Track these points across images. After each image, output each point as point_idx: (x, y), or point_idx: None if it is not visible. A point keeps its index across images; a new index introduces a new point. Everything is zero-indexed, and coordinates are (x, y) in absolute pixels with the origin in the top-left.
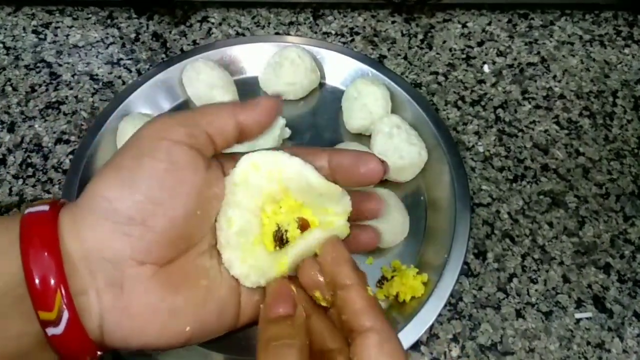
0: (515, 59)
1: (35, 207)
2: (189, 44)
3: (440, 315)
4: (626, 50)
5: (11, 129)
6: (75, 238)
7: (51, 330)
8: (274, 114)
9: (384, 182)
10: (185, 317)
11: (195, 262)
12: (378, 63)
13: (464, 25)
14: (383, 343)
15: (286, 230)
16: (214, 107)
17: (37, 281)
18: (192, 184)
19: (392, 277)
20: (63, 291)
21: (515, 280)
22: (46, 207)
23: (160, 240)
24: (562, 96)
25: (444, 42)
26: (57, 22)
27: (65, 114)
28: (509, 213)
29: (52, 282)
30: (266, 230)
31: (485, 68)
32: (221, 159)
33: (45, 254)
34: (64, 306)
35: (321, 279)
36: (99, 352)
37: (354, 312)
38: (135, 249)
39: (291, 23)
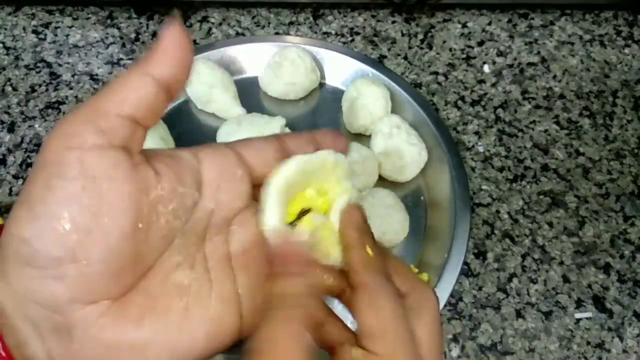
0: (515, 59)
1: None
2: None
3: (440, 315)
4: (626, 50)
5: (11, 129)
6: (6, 292)
7: None
8: (184, 41)
9: (384, 182)
10: (157, 349)
11: (166, 282)
12: (378, 63)
13: (464, 25)
14: (372, 299)
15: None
16: (118, 80)
17: None
18: (122, 196)
19: None
20: (3, 353)
21: (515, 280)
22: None
23: (103, 273)
24: (562, 96)
25: (444, 42)
26: (57, 22)
27: (65, 114)
28: (509, 213)
29: None
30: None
31: (486, 68)
32: (151, 158)
33: None
34: None
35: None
36: None
37: (351, 270)
38: (74, 291)
39: (291, 23)
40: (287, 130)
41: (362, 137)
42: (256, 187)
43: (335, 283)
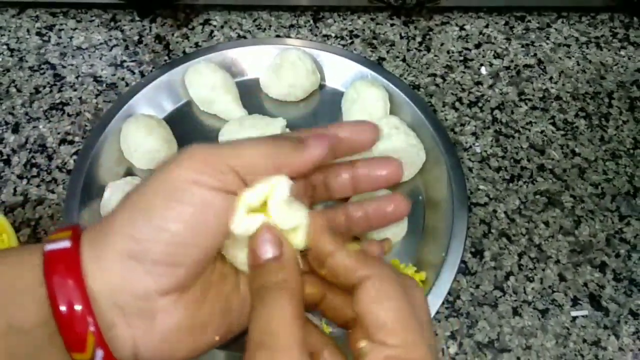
0: (512, 61)
1: (56, 244)
2: (191, 47)
3: (438, 312)
4: (622, 52)
5: (16, 129)
6: (100, 276)
7: None
8: (322, 153)
9: None
10: (213, 327)
11: (214, 273)
12: (377, 65)
13: (462, 28)
14: (379, 290)
15: None
16: (250, 149)
17: (68, 323)
18: (218, 224)
19: None
20: (94, 331)
21: (512, 278)
22: (67, 244)
23: (186, 276)
24: (558, 97)
25: (442, 44)
26: (61, 24)
27: (69, 115)
28: (505, 212)
29: (84, 324)
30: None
31: (483, 70)
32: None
33: (74, 297)
34: (97, 346)
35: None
36: None
37: (345, 273)
38: (160, 285)
39: (292, 26)
40: (288, 131)
41: None
42: None
43: (315, 289)
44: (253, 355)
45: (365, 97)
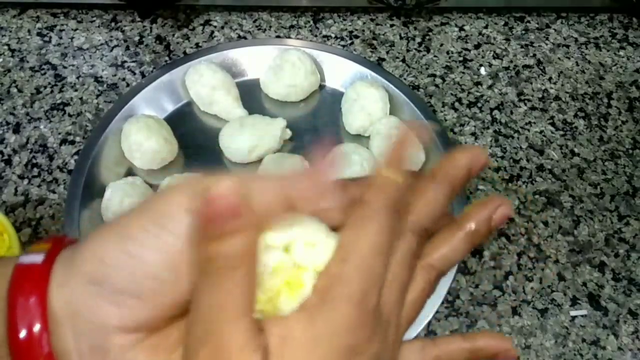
0: (511, 62)
1: (29, 257)
2: (191, 47)
3: (437, 312)
4: (621, 53)
5: (17, 129)
6: (64, 297)
7: None
8: (327, 186)
9: None
10: None
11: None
12: (377, 65)
13: (461, 29)
14: (361, 219)
15: None
16: (258, 180)
17: (21, 338)
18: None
19: None
20: (47, 353)
21: (511, 278)
22: (40, 258)
23: (154, 316)
24: (557, 98)
25: (442, 45)
26: (62, 24)
27: (70, 115)
28: None
29: (38, 347)
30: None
31: (482, 70)
32: None
33: (33, 317)
34: None
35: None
36: None
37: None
38: (123, 320)
39: (292, 26)
40: (288, 131)
41: (361, 138)
42: None
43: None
44: (195, 354)
45: (365, 98)
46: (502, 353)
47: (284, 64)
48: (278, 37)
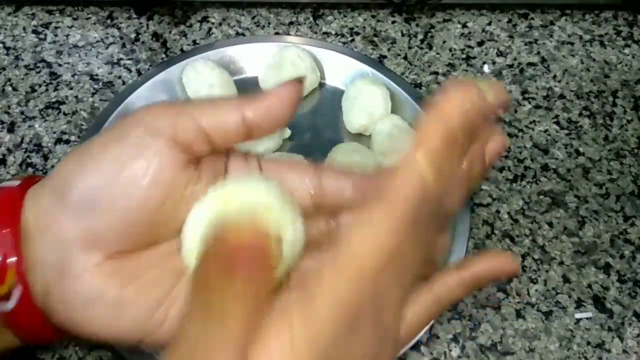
0: (515, 59)
1: (8, 182)
2: (189, 44)
3: (440, 315)
4: (626, 50)
5: (11, 129)
6: (34, 212)
7: (2, 307)
8: (291, 104)
9: None
10: (133, 316)
11: (165, 262)
12: (378, 63)
13: (464, 25)
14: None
15: None
16: (216, 101)
17: None
18: (159, 177)
19: None
20: (15, 266)
21: (515, 280)
22: (16, 183)
23: (111, 229)
24: (562, 96)
25: (444, 42)
26: (57, 22)
27: (65, 114)
28: (508, 213)
29: (8, 257)
30: None
31: (485, 68)
32: (216, 158)
33: (5, 230)
34: (17, 282)
35: None
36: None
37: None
38: (83, 233)
39: (291, 23)
40: (287, 130)
41: (362, 137)
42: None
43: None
44: None
45: (366, 96)
46: (506, 270)
47: (283, 62)
48: (277, 34)
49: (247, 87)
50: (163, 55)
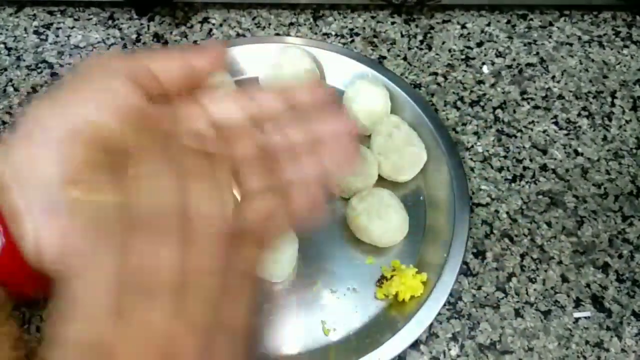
0: (514, 60)
1: None
2: (189, 45)
3: (439, 314)
4: (625, 51)
5: (12, 129)
6: (8, 163)
7: None
8: (221, 57)
9: (384, 182)
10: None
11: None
12: (378, 64)
13: (463, 26)
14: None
15: None
16: (161, 50)
17: None
18: (128, 106)
19: (392, 276)
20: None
21: (514, 279)
22: None
23: (94, 160)
24: (560, 96)
25: (444, 42)
26: (59, 22)
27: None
28: (507, 213)
29: None
30: None
31: (485, 69)
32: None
33: None
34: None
35: None
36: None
37: None
38: (62, 170)
39: (291, 24)
40: None
41: (362, 137)
42: None
43: None
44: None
45: (366, 96)
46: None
47: (284, 62)
48: (277, 34)
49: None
50: None
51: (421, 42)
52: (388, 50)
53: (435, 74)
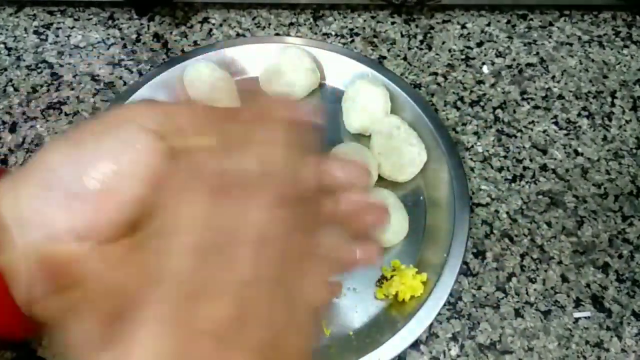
0: (514, 60)
1: None
2: (189, 45)
3: (439, 314)
4: (625, 51)
5: (13, 129)
6: (11, 203)
7: None
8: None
9: (384, 182)
10: (130, 293)
11: (144, 248)
12: (378, 64)
13: (463, 26)
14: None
15: None
16: (193, 102)
17: None
18: (148, 169)
19: (392, 276)
20: None
21: (514, 279)
22: None
23: (103, 219)
24: (560, 96)
25: (444, 42)
26: (59, 22)
27: (66, 115)
28: (507, 213)
29: None
30: None
31: (485, 69)
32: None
33: None
34: None
35: None
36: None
37: None
38: (73, 223)
39: (291, 24)
40: None
41: (362, 138)
42: None
43: None
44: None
45: (366, 96)
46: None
47: (284, 62)
48: (277, 34)
49: (248, 88)
50: (164, 56)
51: (421, 42)
52: (388, 50)
53: (435, 74)
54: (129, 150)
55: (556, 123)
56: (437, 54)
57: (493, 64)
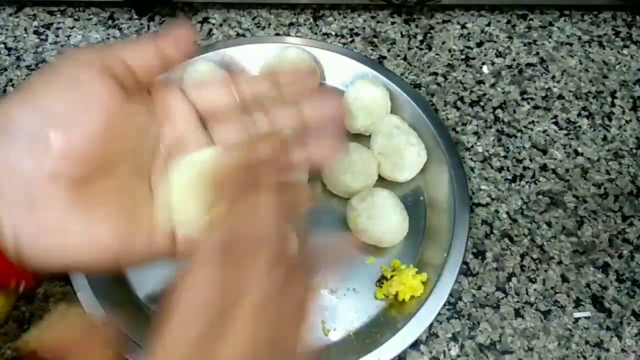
0: (514, 60)
1: None
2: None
3: (439, 314)
4: (625, 51)
5: None
6: None
7: None
8: (190, 38)
9: (384, 182)
10: (106, 236)
11: (123, 188)
12: (378, 64)
13: (463, 26)
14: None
15: None
16: (133, 40)
17: None
18: (102, 104)
19: (392, 276)
20: None
21: (514, 279)
22: None
23: (68, 156)
24: (560, 96)
25: (444, 42)
26: (59, 22)
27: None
28: (507, 213)
29: None
30: None
31: (485, 69)
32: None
33: None
34: None
35: None
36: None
37: None
38: (41, 165)
39: (291, 24)
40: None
41: (362, 138)
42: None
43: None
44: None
45: (366, 96)
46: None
47: (284, 62)
48: (277, 34)
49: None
50: None
51: (421, 42)
52: (388, 50)
53: (435, 74)
54: (74, 87)
55: (556, 123)
56: (437, 54)
57: (493, 64)
